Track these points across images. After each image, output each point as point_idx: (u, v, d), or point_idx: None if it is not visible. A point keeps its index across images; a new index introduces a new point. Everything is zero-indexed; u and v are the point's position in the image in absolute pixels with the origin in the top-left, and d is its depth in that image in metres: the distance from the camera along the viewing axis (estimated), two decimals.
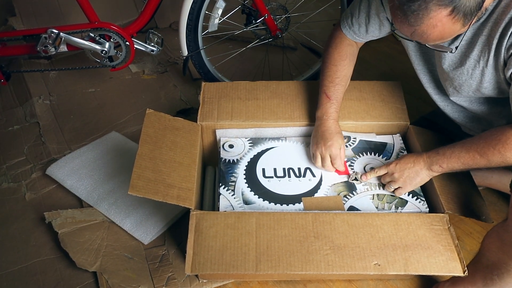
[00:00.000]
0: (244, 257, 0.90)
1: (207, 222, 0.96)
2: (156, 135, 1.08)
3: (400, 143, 1.20)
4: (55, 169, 1.32)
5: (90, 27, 1.39)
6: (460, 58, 0.94)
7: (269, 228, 0.94)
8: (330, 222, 0.96)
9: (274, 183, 1.10)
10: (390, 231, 0.95)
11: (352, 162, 1.15)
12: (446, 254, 0.91)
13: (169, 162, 1.04)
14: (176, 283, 1.08)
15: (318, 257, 0.90)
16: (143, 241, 1.16)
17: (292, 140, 1.20)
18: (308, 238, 0.93)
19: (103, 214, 1.21)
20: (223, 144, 1.18)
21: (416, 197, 1.06)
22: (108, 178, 1.30)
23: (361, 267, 0.89)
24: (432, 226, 0.96)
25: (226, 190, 1.08)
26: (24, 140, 1.48)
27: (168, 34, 1.88)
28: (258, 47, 1.66)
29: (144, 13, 1.46)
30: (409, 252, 0.92)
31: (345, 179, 1.11)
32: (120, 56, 1.47)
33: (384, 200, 1.06)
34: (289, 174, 1.12)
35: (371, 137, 1.21)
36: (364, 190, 1.09)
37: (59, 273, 1.12)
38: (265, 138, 1.21)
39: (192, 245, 0.92)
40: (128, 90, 1.69)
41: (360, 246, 0.92)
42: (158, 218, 1.20)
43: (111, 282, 1.07)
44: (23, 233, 1.20)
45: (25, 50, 1.45)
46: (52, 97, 1.64)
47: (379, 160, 1.16)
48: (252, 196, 1.07)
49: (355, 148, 1.18)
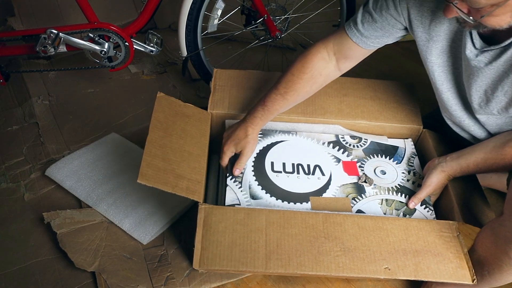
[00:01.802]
0: (254, 255, 0.88)
1: (216, 217, 0.93)
2: (166, 121, 1.04)
3: (412, 148, 1.18)
4: (54, 170, 1.32)
5: (90, 27, 1.40)
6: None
7: (279, 226, 0.92)
8: (340, 223, 0.94)
9: (283, 178, 1.08)
10: (400, 235, 0.93)
11: (363, 163, 1.13)
12: (455, 262, 0.90)
13: (178, 151, 1.00)
14: (174, 283, 1.08)
15: (328, 258, 0.89)
16: (142, 241, 1.16)
17: (303, 135, 1.18)
18: (319, 239, 0.91)
19: (102, 215, 1.21)
20: None
21: (425, 206, 1.05)
22: (107, 179, 1.30)
23: (372, 271, 0.88)
24: (442, 233, 0.95)
25: (233, 182, 1.05)
26: (23, 140, 1.47)
27: (167, 34, 1.88)
28: (257, 48, 1.66)
29: (144, 13, 1.46)
30: (419, 257, 0.90)
31: (355, 180, 1.09)
32: (120, 57, 1.47)
33: (392, 206, 1.05)
34: (298, 170, 1.10)
35: (382, 140, 1.19)
36: (373, 194, 1.07)
37: (57, 273, 1.11)
38: (275, 131, 1.18)
39: (200, 239, 0.89)
40: (127, 90, 1.69)
41: (371, 249, 0.90)
42: (157, 218, 1.20)
43: (109, 282, 1.07)
44: (21, 234, 1.20)
45: (24, 50, 1.46)
46: (51, 97, 1.64)
47: (389, 163, 1.14)
48: (259, 190, 1.04)
49: (366, 149, 1.16)
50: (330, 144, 1.18)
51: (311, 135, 1.18)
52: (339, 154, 1.16)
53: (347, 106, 1.19)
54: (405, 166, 1.15)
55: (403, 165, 1.15)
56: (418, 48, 1.01)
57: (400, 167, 1.14)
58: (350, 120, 1.18)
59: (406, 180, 1.12)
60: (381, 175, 1.12)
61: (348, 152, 1.16)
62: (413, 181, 1.11)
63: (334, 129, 1.20)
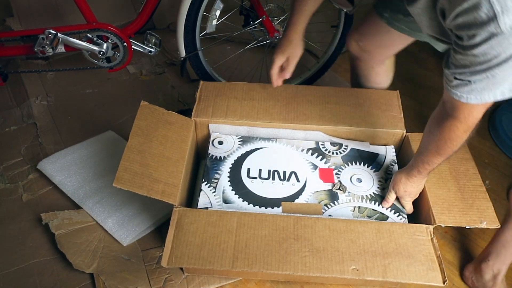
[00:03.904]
0: (222, 254, 0.92)
1: (189, 218, 0.97)
2: (148, 128, 1.09)
3: (393, 155, 1.18)
4: (46, 164, 1.32)
5: (88, 28, 1.39)
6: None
7: (250, 228, 0.95)
8: (311, 225, 0.96)
9: (257, 184, 1.10)
10: (372, 238, 0.95)
11: (340, 171, 1.15)
12: (427, 264, 0.92)
13: (157, 156, 1.04)
14: (173, 285, 1.08)
15: (295, 258, 0.91)
16: (122, 242, 1.16)
17: (283, 142, 1.20)
18: (288, 240, 0.94)
19: (87, 212, 1.21)
20: (213, 140, 1.19)
21: (398, 214, 1.06)
22: (97, 176, 1.30)
23: (338, 271, 0.90)
24: (415, 236, 0.96)
25: (208, 186, 1.08)
26: (21, 140, 1.47)
27: (166, 35, 1.87)
28: (256, 49, 1.66)
29: (142, 14, 1.46)
30: (389, 259, 0.92)
31: (329, 187, 1.11)
32: (118, 57, 1.47)
33: (364, 213, 1.06)
34: (273, 177, 1.12)
35: (364, 146, 1.20)
36: (346, 201, 1.09)
37: (56, 275, 1.11)
38: (255, 138, 1.21)
39: (171, 239, 0.94)
40: (126, 91, 1.69)
41: (339, 251, 0.93)
42: (140, 220, 1.20)
43: (108, 283, 1.07)
44: (19, 234, 1.20)
45: (23, 50, 1.45)
46: (50, 97, 1.64)
47: (366, 171, 1.15)
48: (232, 195, 1.07)
49: (345, 156, 1.18)
50: (309, 151, 1.19)
51: (291, 142, 1.21)
52: (317, 161, 1.17)
53: (329, 112, 1.21)
54: (382, 174, 1.15)
55: (380, 173, 1.16)
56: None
57: (377, 175, 1.15)
58: (332, 126, 1.19)
59: (382, 188, 1.12)
60: (357, 183, 1.13)
61: (326, 159, 1.18)
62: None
63: (315, 136, 1.21)
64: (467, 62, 0.71)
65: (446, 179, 1.07)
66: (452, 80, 0.76)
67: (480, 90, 0.73)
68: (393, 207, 1.07)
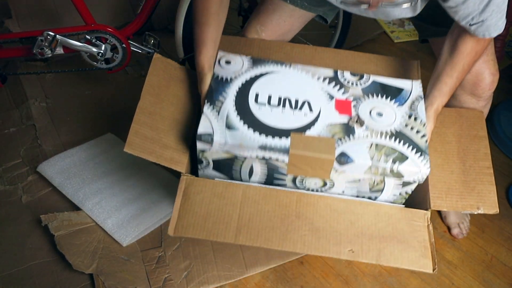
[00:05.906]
0: (226, 227, 0.92)
1: (196, 188, 0.96)
2: (159, 85, 1.03)
3: (419, 91, 1.06)
4: (46, 167, 1.32)
5: (87, 29, 1.40)
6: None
7: (254, 202, 0.95)
8: (313, 204, 0.96)
9: (265, 111, 0.99)
10: (370, 220, 0.95)
11: (358, 103, 1.02)
12: (420, 251, 0.92)
13: (168, 119, 1.01)
14: (172, 284, 1.08)
15: (295, 236, 0.92)
16: (121, 243, 1.16)
17: (298, 68, 1.07)
18: (290, 217, 0.94)
19: (86, 214, 1.22)
20: (219, 59, 1.06)
21: (420, 153, 0.96)
22: (96, 178, 1.30)
23: (335, 252, 0.91)
24: (413, 221, 0.96)
25: (211, 109, 0.97)
26: (21, 142, 1.47)
27: (164, 36, 1.88)
28: None
29: (141, 15, 1.46)
30: (385, 243, 0.92)
31: (345, 121, 0.99)
32: (117, 59, 1.47)
33: (382, 152, 0.95)
34: (284, 104, 1.00)
35: (387, 80, 1.08)
36: (363, 137, 0.97)
37: (55, 276, 1.11)
38: (267, 60, 1.08)
39: (178, 208, 0.93)
40: (124, 92, 1.69)
41: (338, 231, 0.93)
42: (140, 221, 1.20)
43: (107, 284, 1.07)
44: (19, 236, 1.20)
45: (22, 52, 1.45)
46: (49, 99, 1.64)
47: (389, 105, 1.03)
48: (237, 121, 0.96)
49: (366, 88, 1.05)
50: (326, 80, 1.06)
51: (307, 68, 1.08)
52: (334, 91, 1.05)
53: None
54: (406, 110, 1.03)
55: (404, 108, 1.03)
56: None
57: (400, 110, 1.02)
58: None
59: (405, 125, 1.00)
60: (377, 117, 1.01)
61: (344, 89, 1.05)
62: (412, 127, 1.00)
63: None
64: (468, 9, 0.85)
65: (451, 160, 1.04)
66: (469, 28, 0.89)
67: (495, 23, 0.87)
68: (414, 144, 0.97)
